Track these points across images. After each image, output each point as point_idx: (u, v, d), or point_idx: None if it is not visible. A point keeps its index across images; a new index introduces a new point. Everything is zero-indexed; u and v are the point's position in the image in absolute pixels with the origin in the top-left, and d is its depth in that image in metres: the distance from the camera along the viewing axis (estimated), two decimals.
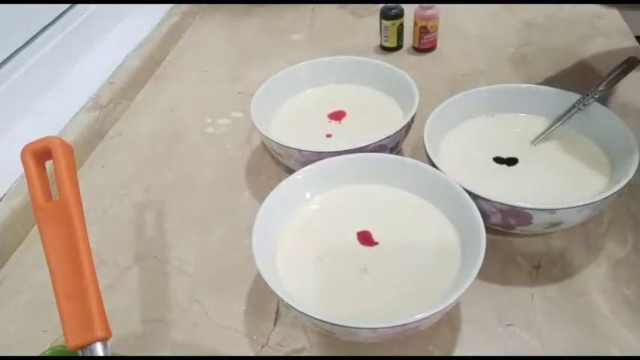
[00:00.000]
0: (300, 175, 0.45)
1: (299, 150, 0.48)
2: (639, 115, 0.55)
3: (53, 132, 0.61)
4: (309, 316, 0.34)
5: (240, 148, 0.61)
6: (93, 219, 0.53)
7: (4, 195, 0.53)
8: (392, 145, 0.50)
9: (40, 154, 0.31)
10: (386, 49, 0.74)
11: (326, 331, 0.36)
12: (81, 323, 0.28)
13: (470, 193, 0.41)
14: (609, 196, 0.39)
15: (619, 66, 0.50)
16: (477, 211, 0.39)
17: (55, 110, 0.65)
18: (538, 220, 0.40)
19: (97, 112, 0.65)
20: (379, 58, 0.59)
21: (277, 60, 0.73)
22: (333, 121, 0.56)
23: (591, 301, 0.40)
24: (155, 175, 0.59)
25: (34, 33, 0.66)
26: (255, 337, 0.41)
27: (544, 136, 0.49)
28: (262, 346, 0.41)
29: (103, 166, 0.61)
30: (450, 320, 0.40)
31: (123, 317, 0.43)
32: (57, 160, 0.30)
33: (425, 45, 0.71)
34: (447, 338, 0.40)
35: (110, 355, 0.28)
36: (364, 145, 0.47)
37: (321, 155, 0.46)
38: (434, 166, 0.44)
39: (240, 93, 0.70)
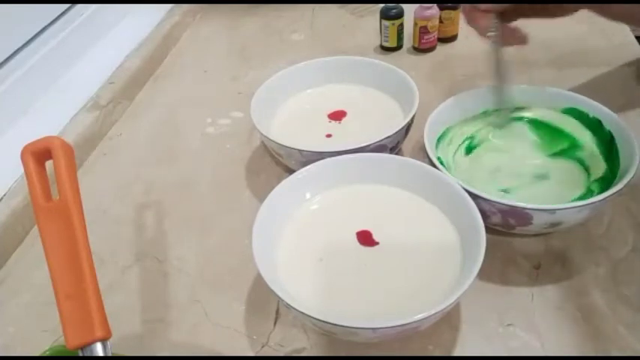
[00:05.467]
0: (300, 175, 0.45)
1: (299, 150, 0.48)
2: (639, 115, 0.55)
3: (53, 132, 0.61)
4: (309, 316, 0.34)
5: (240, 148, 0.61)
6: (93, 219, 0.53)
7: (4, 195, 0.53)
8: (392, 145, 0.50)
9: (40, 154, 0.31)
10: (386, 49, 0.74)
11: (326, 331, 0.36)
12: (81, 323, 0.28)
13: (470, 193, 0.41)
14: (609, 196, 0.39)
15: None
16: (477, 211, 0.39)
17: (55, 110, 0.65)
18: (538, 220, 0.40)
19: (97, 112, 0.65)
20: (379, 58, 0.59)
21: (277, 60, 0.73)
22: (333, 121, 0.56)
23: (591, 301, 0.40)
24: (155, 175, 0.59)
25: (34, 33, 0.66)
26: (255, 337, 0.41)
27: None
28: (262, 346, 0.41)
29: (103, 166, 0.61)
30: (450, 320, 0.40)
31: (123, 317, 0.43)
32: (57, 160, 0.30)
33: (425, 45, 0.71)
34: (447, 338, 0.40)
35: (110, 355, 0.28)
36: (364, 145, 0.47)
37: (321, 155, 0.46)
38: (434, 166, 0.44)
39: (240, 93, 0.70)
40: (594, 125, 0.48)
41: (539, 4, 0.48)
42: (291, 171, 0.48)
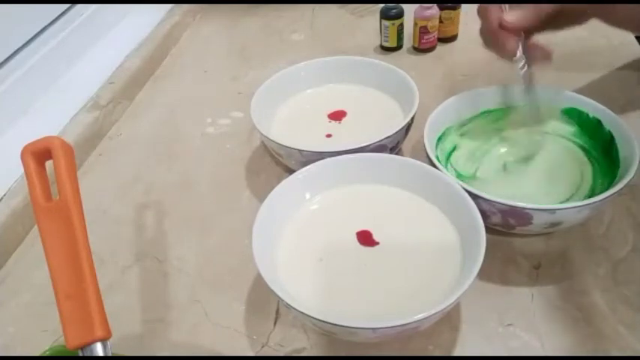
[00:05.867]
0: (300, 175, 0.45)
1: (299, 150, 0.48)
2: (639, 116, 0.55)
3: (53, 132, 0.61)
4: (309, 316, 0.34)
5: (240, 148, 0.61)
6: (93, 219, 0.53)
7: (4, 195, 0.53)
8: (392, 145, 0.50)
9: (40, 154, 0.30)
10: (386, 49, 0.74)
11: (326, 331, 0.36)
12: (81, 323, 0.28)
13: (470, 193, 0.41)
14: (609, 196, 0.39)
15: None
16: (477, 211, 0.39)
17: (55, 110, 0.65)
18: (538, 220, 0.40)
19: (97, 112, 0.65)
20: (379, 58, 0.59)
21: (277, 60, 0.73)
22: (333, 121, 0.56)
23: (591, 301, 0.40)
24: (155, 175, 0.59)
25: (34, 33, 0.66)
26: (255, 337, 0.41)
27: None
28: (262, 346, 0.41)
29: (103, 166, 0.61)
30: (450, 320, 0.40)
31: (123, 317, 0.43)
32: (57, 160, 0.30)
33: (425, 45, 0.71)
34: (447, 338, 0.40)
35: (110, 355, 0.28)
36: (364, 145, 0.47)
37: (321, 155, 0.46)
38: (434, 166, 0.44)
39: (240, 93, 0.70)
40: (594, 125, 0.48)
41: (559, 18, 0.46)
42: (291, 171, 0.48)
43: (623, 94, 0.58)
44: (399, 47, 0.73)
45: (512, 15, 0.44)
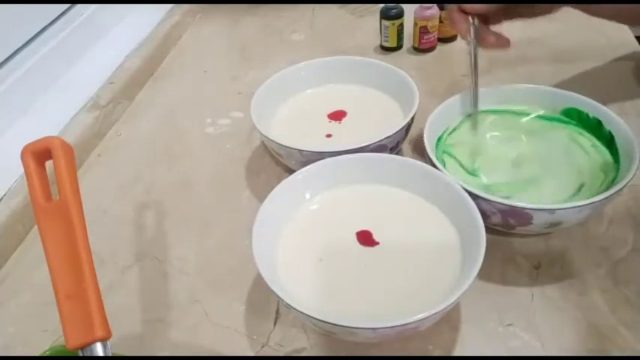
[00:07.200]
0: (300, 175, 0.45)
1: (299, 150, 0.48)
2: (639, 115, 0.55)
3: (53, 132, 0.61)
4: (309, 316, 0.34)
5: (240, 148, 0.61)
6: (93, 219, 0.53)
7: (4, 195, 0.53)
8: (392, 145, 0.50)
9: (40, 154, 0.30)
10: (386, 49, 0.74)
11: (326, 331, 0.36)
12: (81, 323, 0.28)
13: (470, 193, 0.41)
14: (609, 196, 0.39)
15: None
16: (477, 211, 0.39)
17: (55, 110, 0.65)
18: (538, 220, 0.40)
19: (97, 112, 0.65)
20: (379, 58, 0.59)
21: (277, 60, 0.73)
22: (333, 121, 0.56)
23: (591, 301, 0.40)
24: (155, 175, 0.59)
25: (34, 33, 0.66)
26: (255, 337, 0.41)
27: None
28: (262, 346, 0.41)
29: (103, 166, 0.61)
30: (450, 320, 0.40)
31: (123, 317, 0.43)
32: (57, 160, 0.30)
33: (425, 45, 0.71)
34: (447, 338, 0.40)
35: (110, 355, 0.28)
36: (364, 145, 0.47)
37: (321, 155, 0.46)
38: (434, 166, 0.44)
39: (240, 93, 0.70)
40: (594, 125, 0.48)
41: (525, 6, 0.48)
42: (291, 171, 0.48)
43: (622, 93, 0.58)
44: (399, 47, 0.73)
45: None
